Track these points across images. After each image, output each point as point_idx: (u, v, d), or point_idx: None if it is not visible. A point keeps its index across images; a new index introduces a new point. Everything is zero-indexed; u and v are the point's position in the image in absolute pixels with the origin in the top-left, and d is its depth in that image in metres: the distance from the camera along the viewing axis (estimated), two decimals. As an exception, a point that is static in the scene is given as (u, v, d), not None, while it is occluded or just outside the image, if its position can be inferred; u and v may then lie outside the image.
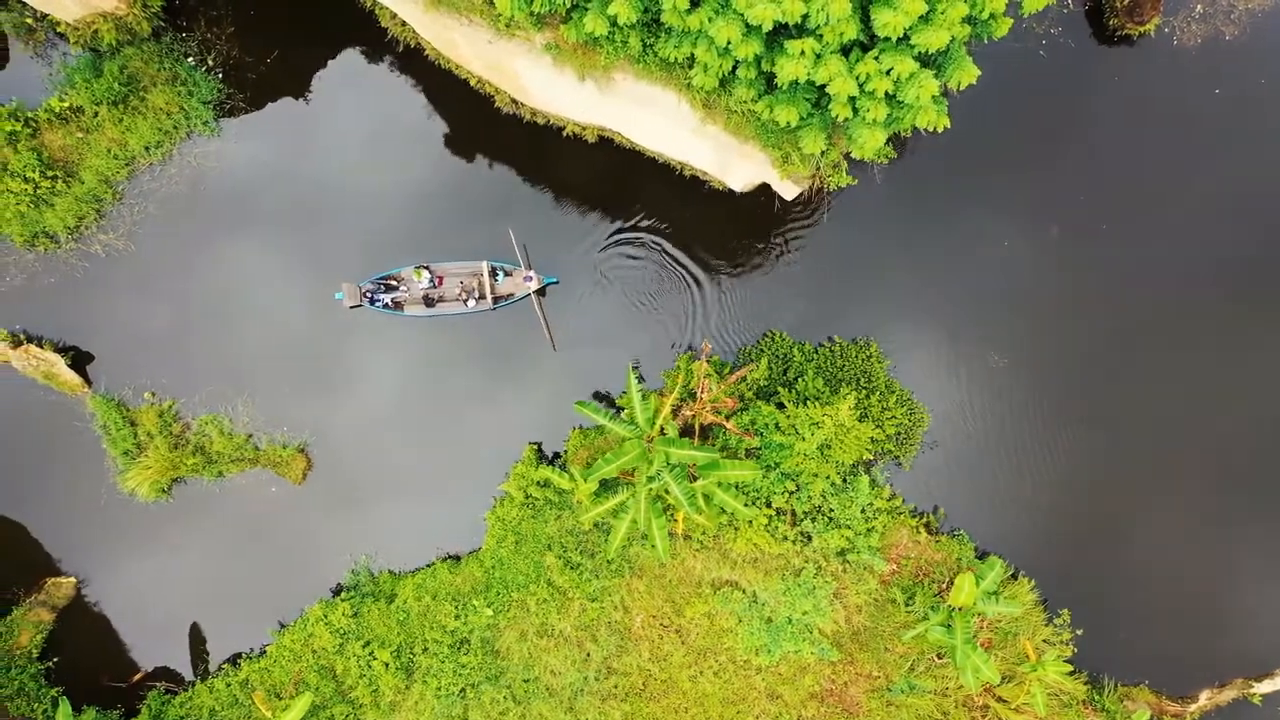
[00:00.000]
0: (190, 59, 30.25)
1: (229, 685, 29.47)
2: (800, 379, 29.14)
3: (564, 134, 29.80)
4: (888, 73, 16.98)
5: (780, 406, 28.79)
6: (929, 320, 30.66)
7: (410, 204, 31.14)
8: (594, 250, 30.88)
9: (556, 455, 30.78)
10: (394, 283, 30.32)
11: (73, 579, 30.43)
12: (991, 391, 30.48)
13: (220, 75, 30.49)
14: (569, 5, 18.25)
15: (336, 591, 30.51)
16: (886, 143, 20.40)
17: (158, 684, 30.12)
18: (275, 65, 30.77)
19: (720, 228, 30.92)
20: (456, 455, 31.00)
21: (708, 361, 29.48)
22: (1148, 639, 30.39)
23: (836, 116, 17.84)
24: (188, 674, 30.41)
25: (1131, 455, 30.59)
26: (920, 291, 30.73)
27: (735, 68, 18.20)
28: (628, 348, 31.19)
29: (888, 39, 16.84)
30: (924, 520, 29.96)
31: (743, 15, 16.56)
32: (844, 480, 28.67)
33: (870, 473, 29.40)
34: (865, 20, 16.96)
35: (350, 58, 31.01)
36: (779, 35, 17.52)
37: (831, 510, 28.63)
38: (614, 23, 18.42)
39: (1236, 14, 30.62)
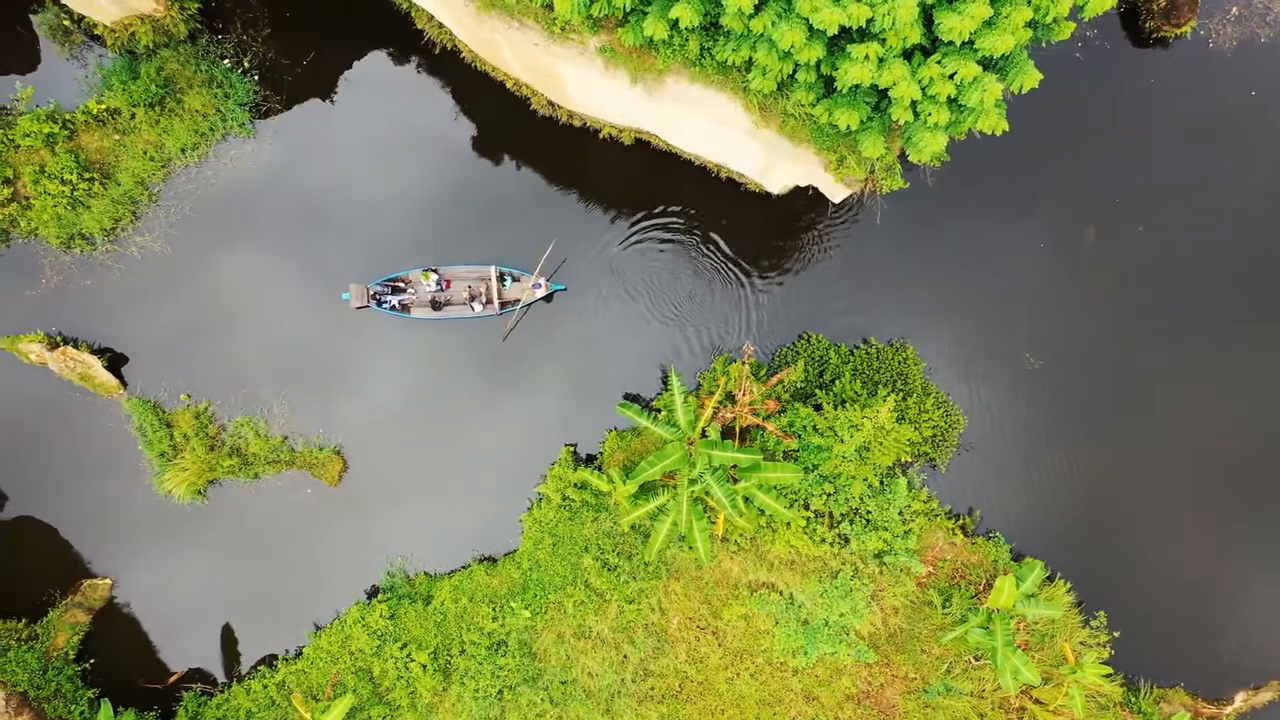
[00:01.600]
0: (226, 61, 30.25)
1: (265, 687, 29.50)
2: (837, 381, 29.15)
3: (600, 136, 29.83)
4: (951, 77, 17.02)
5: (817, 409, 28.82)
6: (963, 322, 30.67)
7: (436, 205, 31.04)
8: (621, 247, 30.81)
9: (591, 457, 30.78)
10: (401, 285, 30.31)
11: (108, 580, 30.46)
12: (1026, 393, 30.50)
13: (256, 77, 30.48)
14: (627, 8, 18.23)
15: (371, 594, 30.53)
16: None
17: (193, 686, 30.14)
18: (311, 67, 30.76)
19: (756, 229, 30.93)
20: (488, 458, 30.94)
21: (745, 363, 29.53)
22: (1183, 641, 30.42)
23: (897, 120, 17.87)
24: (223, 676, 30.43)
25: (1166, 457, 30.60)
26: (954, 294, 30.74)
27: (795, 71, 18.21)
28: (656, 349, 31.19)
29: (950, 43, 16.85)
30: (960, 522, 29.97)
31: (807, 19, 16.56)
32: (881, 483, 28.67)
33: (907, 475, 29.39)
34: (927, 24, 16.97)
35: (385, 59, 31.01)
36: (840, 39, 17.53)
37: (869, 512, 28.64)
38: (673, 26, 18.48)
39: (1272, 16, 30.61)
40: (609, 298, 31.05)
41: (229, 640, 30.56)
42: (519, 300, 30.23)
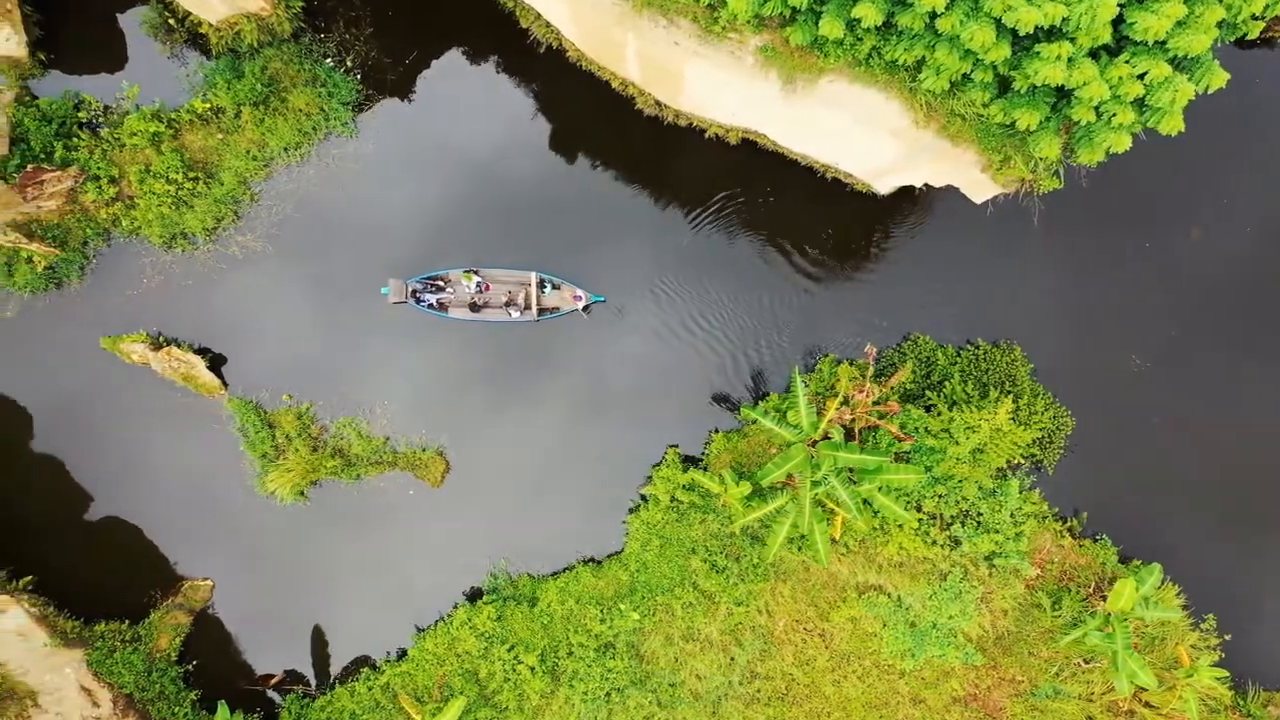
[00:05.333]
0: (329, 60, 30.08)
1: (370, 689, 29.38)
2: (946, 382, 28.99)
3: (705, 136, 29.63)
4: (1140, 77, 16.87)
5: (927, 410, 28.66)
6: (1069, 322, 30.48)
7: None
8: (709, 234, 30.63)
9: (690, 458, 30.59)
10: (441, 283, 30.13)
11: (209, 581, 30.36)
12: (1132, 394, 30.30)
13: (358, 76, 30.30)
14: (800, 8, 18.03)
15: (472, 595, 30.39)
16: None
17: (295, 687, 30.01)
18: (412, 66, 30.59)
19: (859, 229, 30.78)
20: (586, 459, 30.80)
21: (852, 365, 29.40)
22: (1287, 643, 30.29)
23: (1077, 120, 17.72)
24: (324, 678, 30.31)
25: (1268, 458, 30.39)
26: (1058, 294, 30.55)
27: (970, 70, 18.05)
28: (746, 350, 31.06)
29: (1140, 43, 16.70)
30: (1067, 525, 29.81)
31: (997, 19, 16.40)
32: (993, 484, 28.50)
33: (1016, 477, 29.21)
34: (1113, 23, 16.81)
35: (487, 58, 30.83)
36: (1022, 38, 17.39)
37: (980, 514, 28.46)
38: (848, 26, 18.31)
39: (1380, 16, 30.39)
40: (700, 297, 30.85)
41: (329, 642, 30.47)
42: (558, 308, 30.11)
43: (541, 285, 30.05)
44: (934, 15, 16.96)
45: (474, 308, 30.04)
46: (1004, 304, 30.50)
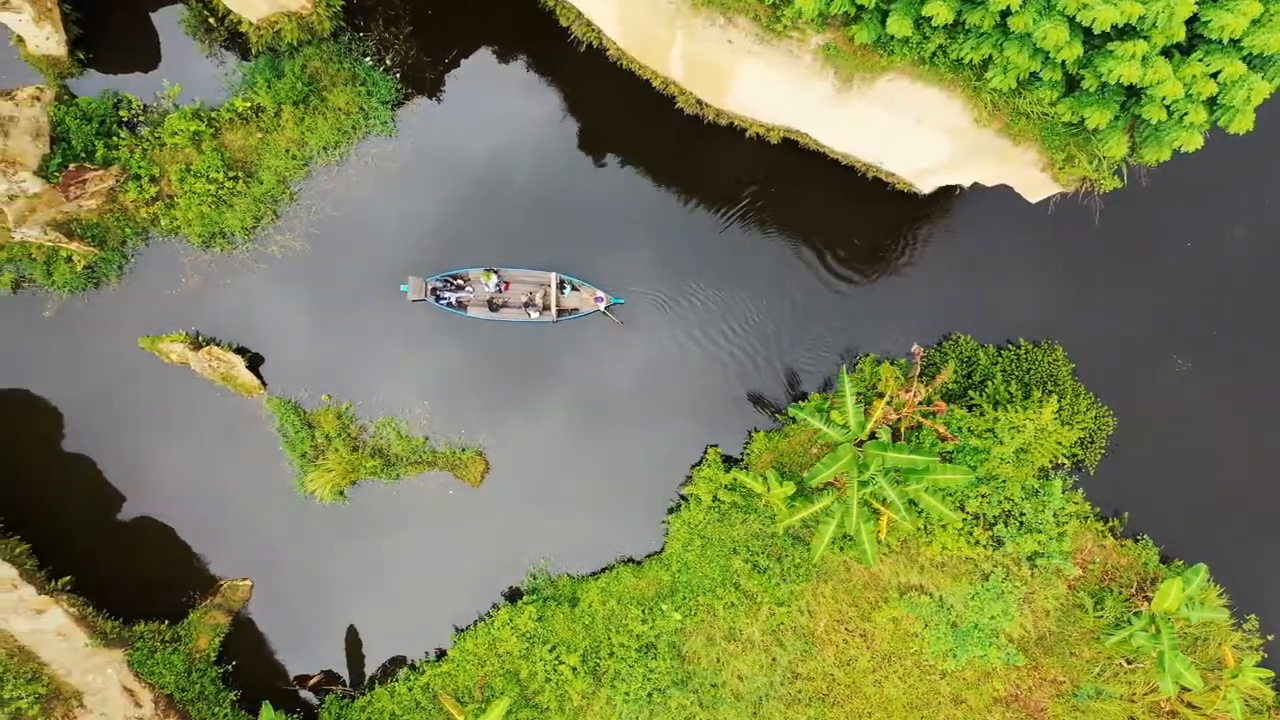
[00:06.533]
0: (368, 59, 29.99)
1: (410, 689, 29.29)
2: (989, 382, 28.91)
3: (746, 135, 29.55)
4: (1214, 75, 16.81)
5: (969, 409, 28.59)
6: (1110, 322, 30.40)
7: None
8: (743, 232, 30.59)
9: (728, 459, 30.51)
10: (461, 282, 30.08)
11: (249, 581, 30.29)
12: (1173, 394, 30.24)
13: (398, 75, 30.21)
14: (868, 6, 17.95)
15: (510, 595, 30.32)
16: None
17: (334, 688, 29.93)
18: (451, 64, 30.51)
19: (896, 228, 30.72)
20: (624, 460, 30.75)
21: (893, 364, 29.32)
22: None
23: (1149, 119, 17.66)
24: (363, 678, 30.23)
25: (1310, 459, 30.36)
26: (1098, 294, 30.49)
27: (1041, 68, 17.96)
28: (780, 350, 31.00)
29: (1215, 41, 16.64)
30: (1109, 525, 29.73)
31: (1071, 17, 16.33)
32: (1036, 484, 28.42)
33: (1058, 477, 29.13)
34: (1186, 22, 16.75)
35: (526, 57, 30.77)
36: (1095, 36, 17.32)
37: (1023, 514, 28.38)
38: (917, 24, 18.25)
39: None
40: (733, 298, 30.79)
41: (368, 642, 30.38)
42: (577, 309, 30.10)
43: (561, 286, 30.00)
44: (1006, 13, 16.94)
45: (493, 307, 30.00)
46: (1044, 303, 30.41)
